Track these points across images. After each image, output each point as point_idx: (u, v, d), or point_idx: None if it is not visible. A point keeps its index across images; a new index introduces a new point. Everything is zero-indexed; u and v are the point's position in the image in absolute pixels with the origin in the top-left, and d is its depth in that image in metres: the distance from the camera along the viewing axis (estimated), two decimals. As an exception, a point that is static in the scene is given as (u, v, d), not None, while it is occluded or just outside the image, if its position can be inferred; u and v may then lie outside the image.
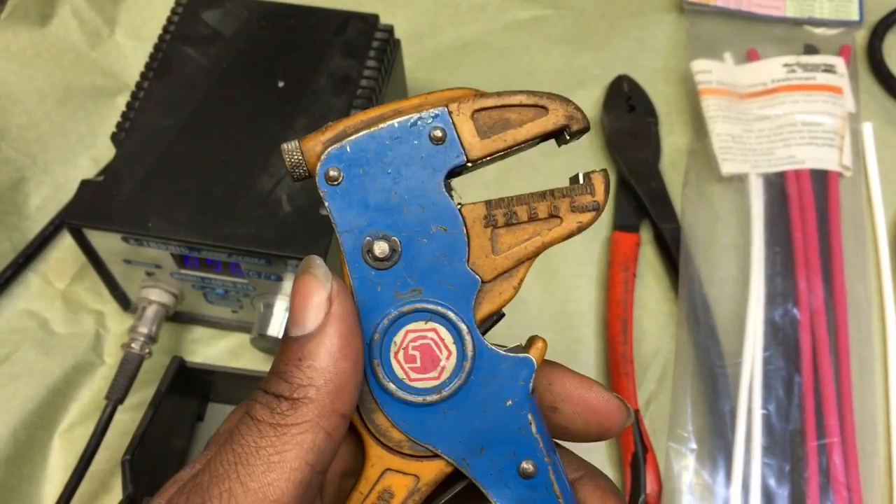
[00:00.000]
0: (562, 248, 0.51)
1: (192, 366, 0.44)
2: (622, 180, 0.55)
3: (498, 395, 0.25)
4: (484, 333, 0.26)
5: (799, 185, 0.53)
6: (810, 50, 0.59)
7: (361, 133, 0.25)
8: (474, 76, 0.61)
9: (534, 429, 0.26)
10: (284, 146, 0.25)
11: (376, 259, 0.25)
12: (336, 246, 0.26)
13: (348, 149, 0.25)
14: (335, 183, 0.25)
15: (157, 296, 0.48)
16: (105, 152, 0.55)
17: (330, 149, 0.25)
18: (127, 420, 0.47)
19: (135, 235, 0.43)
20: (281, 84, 0.48)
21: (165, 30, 0.50)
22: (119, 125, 0.47)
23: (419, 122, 0.25)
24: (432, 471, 0.26)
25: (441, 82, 0.60)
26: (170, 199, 0.44)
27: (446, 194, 0.25)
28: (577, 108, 0.26)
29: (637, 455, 0.43)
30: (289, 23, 0.50)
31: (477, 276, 0.25)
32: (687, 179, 0.54)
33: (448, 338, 0.26)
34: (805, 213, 0.52)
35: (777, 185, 0.53)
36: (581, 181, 0.26)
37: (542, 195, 0.25)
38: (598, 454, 0.46)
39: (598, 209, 0.26)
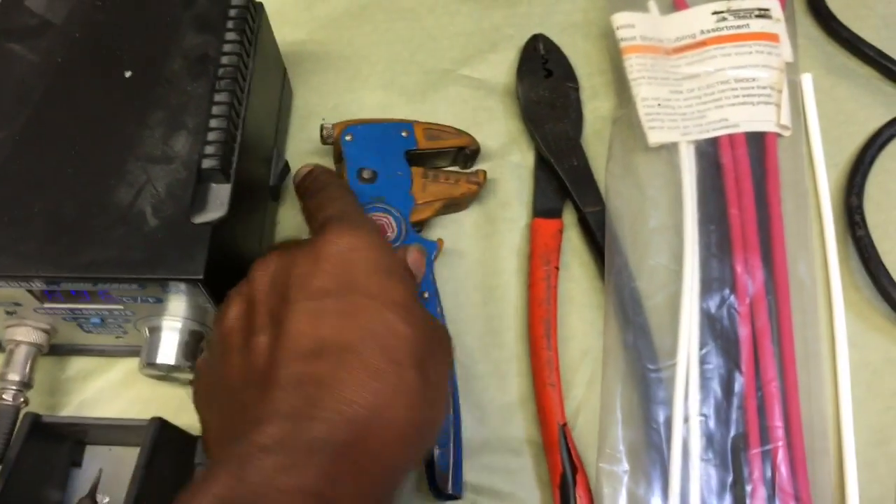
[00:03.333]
0: (478, 238, 0.47)
1: (50, 420, 0.39)
2: (541, 158, 0.50)
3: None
4: (412, 229, 0.46)
5: (734, 153, 0.49)
6: None
7: (369, 122, 0.48)
8: (374, 45, 0.55)
9: (431, 277, 0.45)
10: (323, 124, 0.48)
11: (363, 179, 0.47)
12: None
13: (359, 127, 0.48)
14: (350, 140, 0.47)
15: (25, 335, 0.42)
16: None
17: (350, 126, 0.48)
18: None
19: (-23, 277, 0.37)
20: (128, 74, 0.42)
21: (-17, 25, 0.42)
22: (-59, 147, 0.40)
23: (398, 125, 0.48)
24: None
25: (337, 54, 0.55)
26: (13, 229, 0.38)
27: (404, 160, 0.47)
28: (473, 139, 0.49)
29: (565, 476, 0.40)
30: (128, 0, 0.43)
31: (412, 197, 0.46)
32: (611, 153, 0.50)
33: (392, 223, 0.45)
34: (741, 184, 0.48)
35: (710, 155, 0.49)
36: (473, 171, 0.49)
37: (455, 173, 0.48)
38: (524, 475, 0.43)
39: (479, 184, 0.48)
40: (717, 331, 0.44)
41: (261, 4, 0.46)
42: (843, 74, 0.52)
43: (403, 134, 0.48)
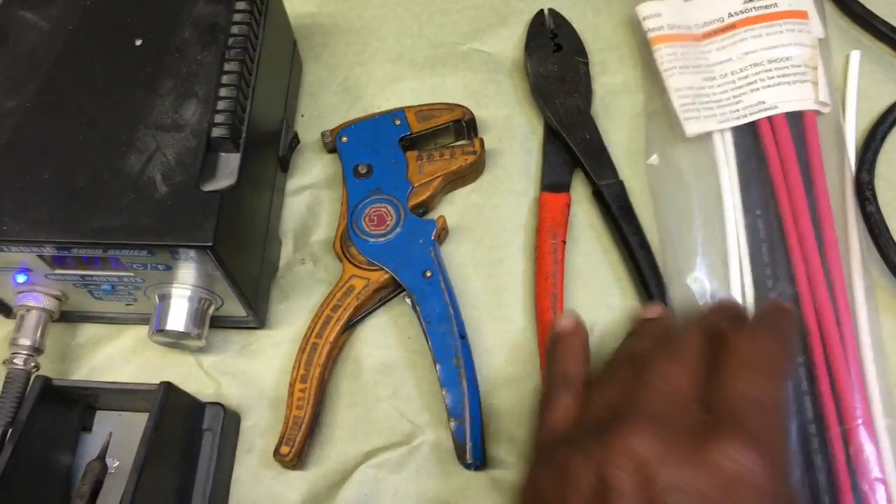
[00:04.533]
0: (485, 213, 0.48)
1: (60, 384, 0.40)
2: (551, 132, 0.50)
3: (415, 238, 0.46)
4: (412, 212, 0.47)
5: (776, 136, 0.48)
6: None
7: (359, 120, 0.50)
8: (383, 18, 0.55)
9: (432, 255, 0.45)
10: (323, 132, 0.50)
11: (359, 175, 0.48)
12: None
13: (351, 127, 0.49)
14: (344, 142, 0.49)
15: (36, 301, 0.43)
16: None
17: (343, 129, 0.49)
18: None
19: (-11, 242, 0.37)
20: (138, 42, 0.42)
21: (-5, -7, 0.43)
22: (-46, 114, 0.40)
23: (389, 115, 0.49)
24: (378, 276, 0.45)
25: (346, 27, 0.55)
26: (24, 195, 0.38)
27: (398, 147, 0.48)
28: (466, 110, 0.49)
29: None
30: (139, -32, 0.43)
31: (409, 182, 0.47)
32: (649, 147, 0.49)
33: (391, 211, 0.46)
34: (787, 166, 0.47)
35: (748, 140, 0.48)
36: (469, 141, 0.50)
37: (450, 147, 0.48)
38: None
39: (475, 153, 0.48)
40: None
41: (271, -27, 0.46)
42: (856, 50, 0.51)
43: (396, 122, 0.49)
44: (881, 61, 0.51)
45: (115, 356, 0.46)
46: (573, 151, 0.48)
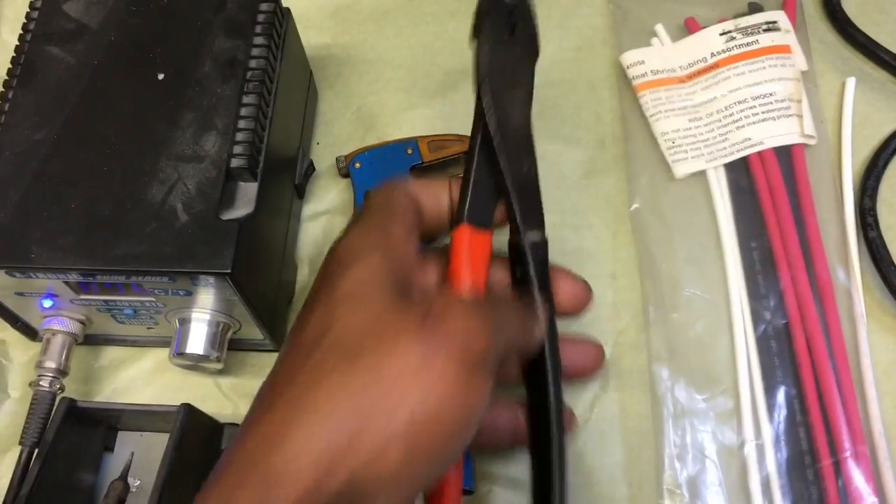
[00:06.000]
0: None
1: (84, 405, 0.41)
2: (485, 145, 0.37)
3: None
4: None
5: (765, 170, 0.49)
6: (755, 8, 0.54)
7: (372, 147, 0.51)
8: (396, 48, 0.57)
9: None
10: (338, 157, 0.51)
11: None
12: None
13: (365, 154, 0.51)
14: (357, 168, 0.50)
15: (61, 325, 0.44)
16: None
17: (357, 155, 0.51)
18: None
19: (18, 269, 0.39)
20: (161, 76, 0.43)
21: (25, 29, 0.46)
22: (-15, 145, 0.42)
23: (402, 144, 0.51)
24: None
25: (360, 58, 0.56)
26: (52, 224, 0.40)
27: (409, 175, 0.50)
28: None
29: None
30: (161, 4, 0.46)
31: None
32: (633, 188, 0.50)
33: None
34: (777, 198, 0.48)
35: (736, 176, 0.50)
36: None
37: (458, 177, 0.39)
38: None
39: None
40: (772, 349, 0.45)
41: (288, 10, 0.48)
42: (859, 78, 0.52)
43: (408, 151, 0.50)
44: (883, 89, 0.52)
45: (137, 378, 0.48)
46: (503, 181, 0.37)
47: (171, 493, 0.38)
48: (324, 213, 0.52)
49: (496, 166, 0.37)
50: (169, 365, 0.47)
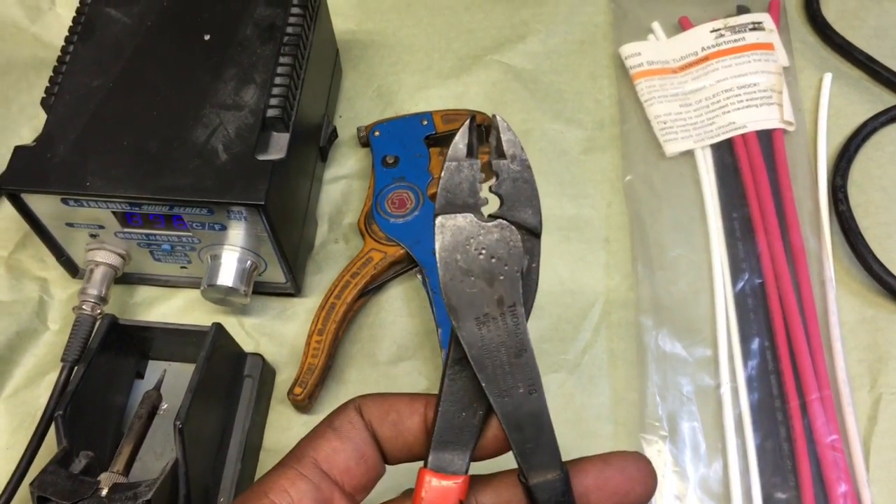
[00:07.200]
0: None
1: (125, 322, 0.45)
2: (460, 355, 0.29)
3: (430, 222, 0.29)
4: (431, 199, 0.49)
5: (748, 150, 0.54)
6: (742, 10, 0.60)
7: (391, 119, 0.56)
8: (415, 36, 0.62)
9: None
10: (358, 127, 0.57)
11: (387, 164, 0.54)
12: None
13: (384, 124, 0.56)
14: (377, 136, 0.55)
15: (104, 257, 0.48)
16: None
17: (376, 125, 0.56)
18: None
19: (73, 196, 0.44)
20: (207, 37, 0.48)
21: (85, -8, 0.50)
22: (47, 90, 0.47)
23: (418, 116, 0.56)
24: (394, 251, 0.51)
25: (382, 43, 0.62)
26: (105, 157, 0.44)
27: (424, 144, 0.54)
28: (484, 115, 0.55)
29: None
30: (209, -24, 0.50)
31: (431, 174, 0.53)
32: (626, 164, 0.55)
33: (411, 196, 0.52)
34: (757, 175, 0.53)
35: (721, 156, 0.55)
36: (486, 143, 0.51)
37: None
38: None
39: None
40: (749, 305, 0.49)
41: (321, -13, 0.53)
42: (835, 75, 0.58)
43: (423, 123, 0.55)
44: (857, 85, 0.58)
45: (168, 314, 0.52)
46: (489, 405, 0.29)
47: (201, 401, 0.42)
48: (343, 178, 0.56)
49: (479, 386, 0.28)
50: (198, 304, 0.52)
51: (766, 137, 0.55)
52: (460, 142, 0.29)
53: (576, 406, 0.48)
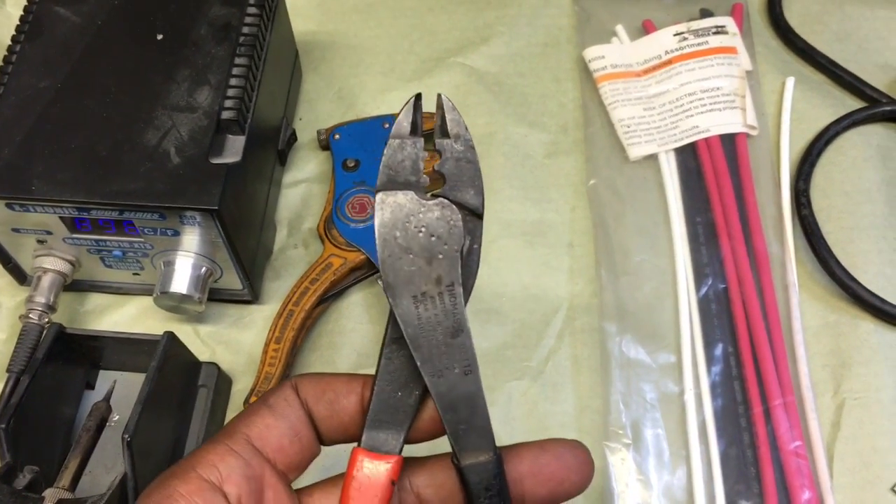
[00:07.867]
0: None
1: (73, 331, 0.44)
2: (396, 333, 0.29)
3: None
4: None
5: (711, 154, 0.54)
6: (706, 14, 0.60)
7: (352, 122, 0.55)
8: (377, 38, 0.61)
9: None
10: (318, 130, 0.55)
11: (347, 168, 0.53)
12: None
13: (345, 127, 0.55)
14: (337, 139, 0.54)
15: (52, 264, 0.47)
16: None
17: (337, 128, 0.54)
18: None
19: (19, 200, 0.43)
20: (160, 37, 0.47)
21: (34, -10, 0.48)
22: (-8, 91, 0.45)
23: (379, 119, 0.55)
24: (354, 257, 0.50)
25: (343, 45, 0.61)
26: (52, 161, 0.43)
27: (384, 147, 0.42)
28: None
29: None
30: (163, -26, 0.49)
31: None
32: (590, 168, 0.54)
33: (373, 201, 0.43)
34: (720, 179, 0.52)
35: (685, 160, 0.54)
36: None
37: (430, 150, 0.34)
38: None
39: None
40: (712, 310, 0.49)
41: (279, -14, 0.52)
42: (798, 79, 0.57)
43: (385, 126, 0.54)
44: (820, 89, 0.58)
45: (120, 323, 0.50)
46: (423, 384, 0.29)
47: (151, 413, 0.41)
48: (303, 182, 0.55)
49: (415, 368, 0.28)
50: (151, 312, 0.50)
51: (730, 141, 0.54)
52: (404, 120, 0.29)
53: (539, 414, 0.47)
